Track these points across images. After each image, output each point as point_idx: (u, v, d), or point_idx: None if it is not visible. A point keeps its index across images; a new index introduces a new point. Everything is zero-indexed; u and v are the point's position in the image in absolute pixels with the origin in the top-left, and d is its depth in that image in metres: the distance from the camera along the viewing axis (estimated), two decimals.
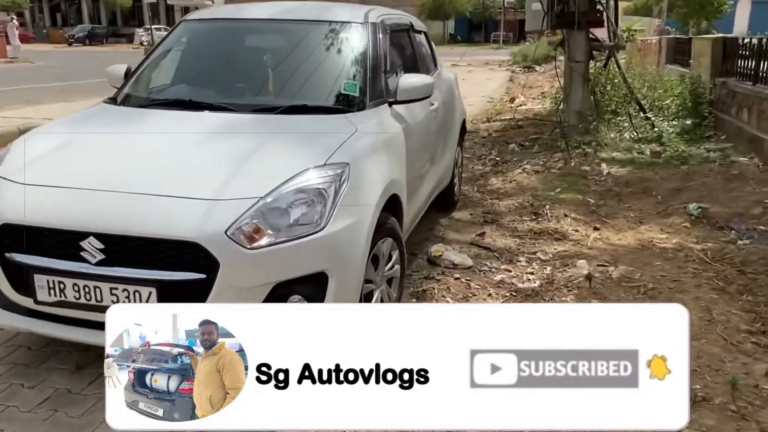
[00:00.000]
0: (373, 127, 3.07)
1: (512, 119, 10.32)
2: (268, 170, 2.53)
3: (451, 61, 27.74)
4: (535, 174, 6.73)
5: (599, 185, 6.23)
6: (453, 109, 4.98)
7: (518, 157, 7.57)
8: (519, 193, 6.01)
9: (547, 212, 5.32)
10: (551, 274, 4.02)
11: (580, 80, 8.34)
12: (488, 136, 9.11)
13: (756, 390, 2.68)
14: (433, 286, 3.82)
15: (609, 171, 6.64)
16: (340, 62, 3.44)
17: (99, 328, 2.45)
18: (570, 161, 7.12)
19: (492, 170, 7.07)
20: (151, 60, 3.67)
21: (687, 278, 3.90)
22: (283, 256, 2.39)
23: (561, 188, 6.12)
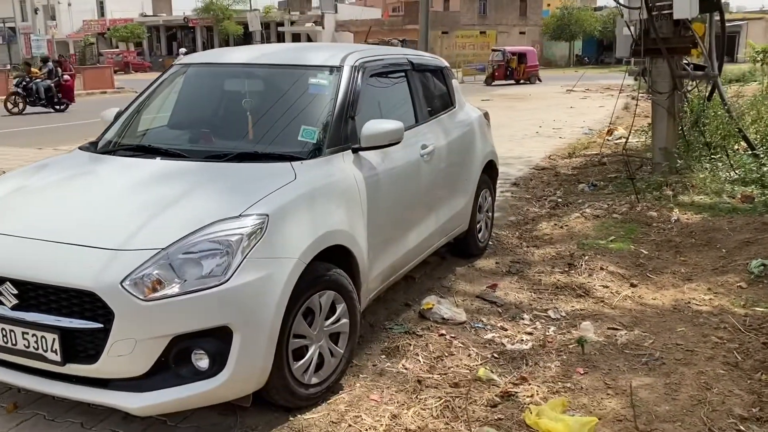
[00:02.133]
0: (318, 176, 3.22)
1: (598, 154, 10.05)
2: (179, 221, 2.75)
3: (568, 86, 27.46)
4: (593, 219, 6.55)
5: (660, 234, 5.96)
6: (470, 150, 5.02)
7: (584, 199, 7.40)
8: (564, 241, 5.88)
9: (583, 264, 5.18)
10: (549, 336, 3.93)
11: (665, 114, 8.02)
12: (561, 174, 8.94)
13: None
14: (410, 342, 3.87)
15: (678, 218, 6.32)
16: (304, 108, 3.64)
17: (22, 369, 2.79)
18: (637, 205, 6.84)
19: (547, 213, 6.96)
20: (134, 105, 4.07)
21: (703, 349, 3.69)
22: (180, 309, 2.58)
23: (615, 236, 5.92)
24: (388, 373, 3.51)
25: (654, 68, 8.07)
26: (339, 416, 3.06)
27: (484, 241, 5.53)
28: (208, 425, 2.98)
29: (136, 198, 2.99)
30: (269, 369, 2.80)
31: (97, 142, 3.89)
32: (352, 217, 3.34)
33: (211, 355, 2.66)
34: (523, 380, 3.40)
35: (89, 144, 3.87)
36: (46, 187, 3.27)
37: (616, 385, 3.30)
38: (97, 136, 3.99)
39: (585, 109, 18.49)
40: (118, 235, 2.70)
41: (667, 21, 7.85)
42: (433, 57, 5.13)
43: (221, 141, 3.67)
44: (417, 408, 3.14)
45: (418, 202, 4.19)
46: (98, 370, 2.62)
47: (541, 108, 19.63)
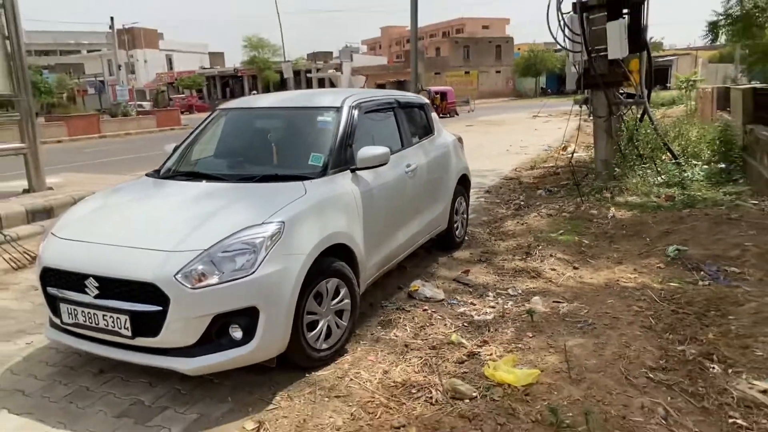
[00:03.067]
0: (323, 191, 3.32)
1: (553, 166, 10.05)
2: (217, 228, 2.86)
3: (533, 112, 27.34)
4: (547, 217, 6.58)
5: (599, 228, 5.98)
6: (446, 167, 5.09)
7: (541, 202, 7.42)
8: (524, 235, 5.93)
9: (538, 252, 5.23)
10: (507, 309, 4.00)
11: (604, 133, 8.05)
12: (524, 182, 8.97)
13: (621, 422, 2.57)
14: (400, 315, 3.95)
15: (614, 215, 6.35)
16: (314, 139, 3.74)
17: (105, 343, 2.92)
18: (582, 205, 6.87)
19: (512, 214, 6.99)
20: (187, 140, 4.19)
21: (626, 315, 3.73)
22: (219, 294, 2.70)
23: (564, 230, 5.95)
24: (383, 340, 3.59)
25: (594, 98, 8.10)
26: (343, 372, 3.15)
27: (461, 237, 5.59)
28: (245, 382, 3.07)
29: (186, 212, 3.10)
30: (288, 338, 2.90)
31: (159, 170, 4.01)
32: (350, 221, 3.43)
33: (243, 328, 2.77)
34: (485, 343, 3.46)
35: (153, 171, 4.00)
36: (119, 205, 3.39)
37: (556, 345, 3.35)
38: (160, 165, 4.12)
39: (546, 130, 18.40)
40: (172, 240, 2.82)
41: (603, 60, 7.88)
42: (416, 96, 5.21)
43: (252, 166, 3.77)
44: (403, 365, 3.22)
45: (404, 208, 4.26)
46: (159, 341, 2.74)
47: (511, 131, 19.58)
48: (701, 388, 2.79)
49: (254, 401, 2.91)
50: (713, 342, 3.22)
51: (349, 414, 2.77)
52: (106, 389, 3.07)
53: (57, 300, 2.96)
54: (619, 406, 2.69)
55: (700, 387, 2.79)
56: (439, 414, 2.71)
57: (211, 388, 3.04)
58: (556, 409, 2.62)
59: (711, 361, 3.01)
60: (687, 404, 2.68)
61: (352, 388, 3.00)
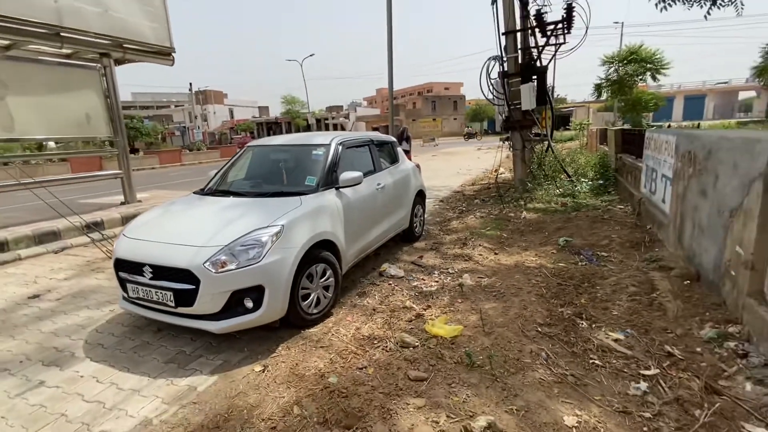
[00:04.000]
0: (314, 202, 3.24)
1: (488, 184, 9.99)
2: (236, 229, 2.78)
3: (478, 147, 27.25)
4: (480, 218, 6.51)
5: (515, 225, 5.92)
6: (407, 185, 5.00)
7: (477, 208, 7.34)
8: (462, 230, 5.85)
9: (471, 243, 5.16)
10: (446, 283, 3.93)
11: (519, 160, 8.00)
12: (466, 194, 8.90)
13: (515, 362, 2.51)
14: (372, 288, 3.85)
15: (525, 216, 6.29)
16: (310, 166, 3.65)
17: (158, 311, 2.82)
18: (503, 210, 6.81)
19: (456, 216, 6.91)
20: (225, 167, 4.09)
21: (527, 286, 3.66)
22: (236, 276, 2.61)
23: (490, 227, 5.88)
24: (358, 305, 3.50)
25: (513, 136, 8.04)
26: (328, 329, 3.07)
27: (419, 233, 5.50)
28: (257, 337, 2.99)
29: (215, 218, 3.01)
30: (286, 306, 2.82)
31: (204, 189, 3.92)
32: (334, 223, 3.35)
33: (253, 300, 2.69)
34: (429, 307, 3.38)
35: (199, 190, 3.90)
36: (172, 214, 3.29)
37: (477, 308, 3.28)
38: (204, 185, 4.02)
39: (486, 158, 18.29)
40: (203, 238, 2.74)
41: (518, 111, 7.83)
42: (386, 136, 5.13)
43: (267, 186, 3.67)
44: (370, 324, 3.14)
45: (376, 213, 4.18)
46: (194, 310, 2.66)
47: (462, 159, 19.44)
48: (573, 338, 2.73)
49: (263, 350, 2.83)
50: (584, 305, 3.17)
51: (329, 359, 2.70)
52: (161, 342, 2.99)
53: (125, 281, 2.87)
54: (515, 351, 2.64)
55: (572, 337, 2.74)
56: (390, 358, 2.65)
57: (233, 341, 2.95)
58: (471, 354, 2.56)
59: (581, 319, 2.96)
60: (562, 349, 2.63)
61: (332, 340, 2.92)
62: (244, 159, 4.22)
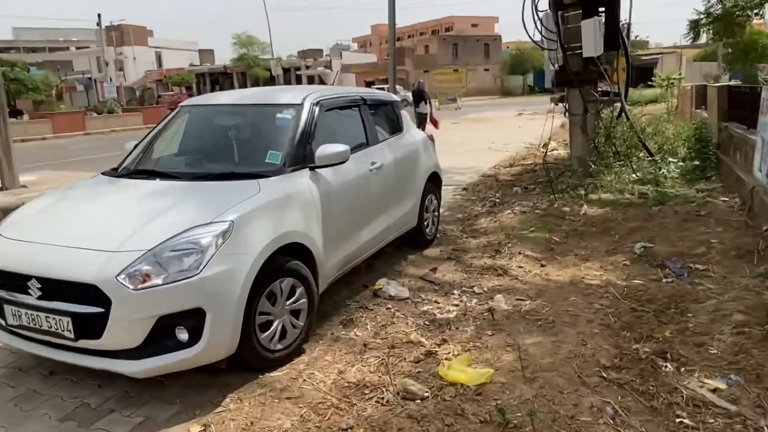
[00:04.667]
0: (278, 189, 3.25)
1: (533, 164, 10.03)
2: (164, 227, 2.79)
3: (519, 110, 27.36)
4: (520, 214, 6.55)
5: (570, 225, 5.96)
6: (415, 165, 5.03)
7: (516, 199, 7.39)
8: (495, 232, 5.89)
9: (507, 250, 5.19)
10: (470, 307, 3.95)
11: (579, 130, 8.03)
12: (501, 180, 8.94)
13: (569, 422, 2.54)
14: (362, 314, 3.89)
15: (585, 212, 6.33)
16: (272, 136, 3.67)
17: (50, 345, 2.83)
18: (555, 203, 6.85)
19: (486, 211, 6.96)
20: (148, 137, 4.10)
21: (587, 313, 3.70)
22: (162, 296, 2.62)
23: (535, 227, 5.93)
24: (342, 339, 3.53)
25: (569, 95, 8.07)
26: (298, 373, 3.10)
27: (432, 235, 5.54)
28: (195, 383, 3.00)
29: (134, 211, 3.02)
30: (237, 339, 2.84)
31: (118, 168, 3.92)
32: (308, 220, 3.36)
33: (189, 330, 2.70)
34: (444, 341, 3.41)
35: (111, 170, 3.90)
36: (69, 204, 3.30)
37: (514, 343, 3.30)
38: (119, 163, 4.03)
39: (530, 128, 18.33)
40: (116, 239, 2.74)
41: (578, 58, 7.85)
42: (385, 94, 5.15)
43: (209, 164, 3.69)
44: (359, 365, 3.17)
45: (369, 206, 4.20)
46: (102, 343, 2.67)
47: (495, 128, 19.60)
48: (652, 386, 2.75)
49: (203, 403, 2.84)
50: (669, 340, 3.19)
51: (299, 416, 2.71)
52: (54, 391, 3.00)
53: (2, 302, 2.87)
54: (568, 405, 2.66)
55: (651, 386, 2.76)
56: (388, 415, 2.66)
57: (160, 389, 2.96)
58: (504, 409, 2.58)
59: (664, 360, 2.98)
60: (636, 403, 2.65)
61: (304, 389, 2.94)
62: (177, 126, 4.23)
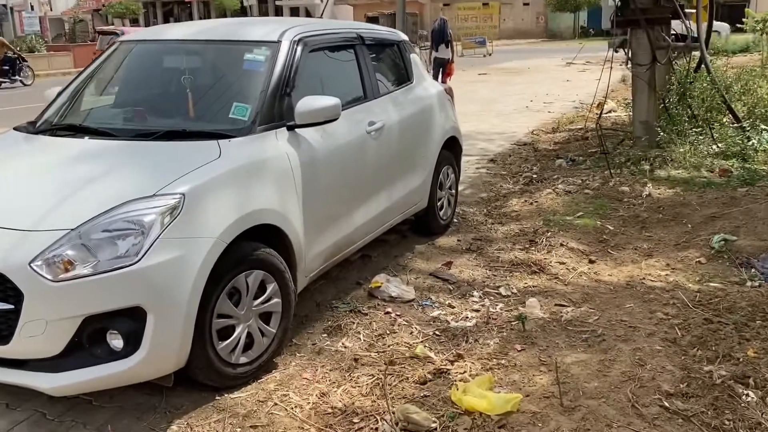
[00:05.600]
0: (246, 154, 3.22)
1: (582, 129, 9.98)
2: (93, 200, 2.76)
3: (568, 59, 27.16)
4: (564, 195, 6.54)
5: (629, 210, 5.94)
6: (427, 126, 5.00)
7: (559, 175, 7.37)
8: (531, 217, 5.88)
9: (545, 240, 5.18)
10: (494, 313, 3.95)
11: (645, 87, 7.95)
12: (541, 149, 8.90)
13: None
14: (354, 320, 3.89)
15: (649, 193, 6.30)
16: (239, 84, 3.63)
17: None
18: (611, 180, 6.82)
19: (520, 190, 6.94)
20: (77, 82, 4.06)
21: (647, 325, 3.70)
22: (90, 290, 2.60)
23: (583, 212, 5.92)
24: (326, 351, 3.53)
25: (634, 40, 7.98)
26: (267, 395, 3.10)
27: (447, 219, 5.53)
28: (132, 405, 3.01)
29: (56, 178, 3.00)
30: (188, 349, 2.83)
31: (35, 122, 3.89)
32: (283, 195, 3.34)
33: (124, 335, 2.69)
34: (459, 357, 3.41)
35: (27, 124, 3.87)
36: None
37: (550, 361, 3.31)
38: (38, 116, 3.99)
39: (581, 82, 18.28)
40: (31, 215, 2.72)
41: None
42: (389, 31, 5.08)
43: (154, 119, 3.67)
44: (347, 386, 3.17)
45: (365, 180, 4.17)
46: (11, 350, 2.65)
47: (536, 82, 19.48)
48: (728, 420, 2.75)
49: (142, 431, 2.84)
50: (752, 361, 3.19)
51: None
52: None
53: None
54: None
55: (727, 419, 2.76)
56: None
57: (86, 412, 2.97)
58: None
59: (745, 386, 2.97)
60: None
61: (275, 415, 2.95)
62: (113, 67, 4.20)
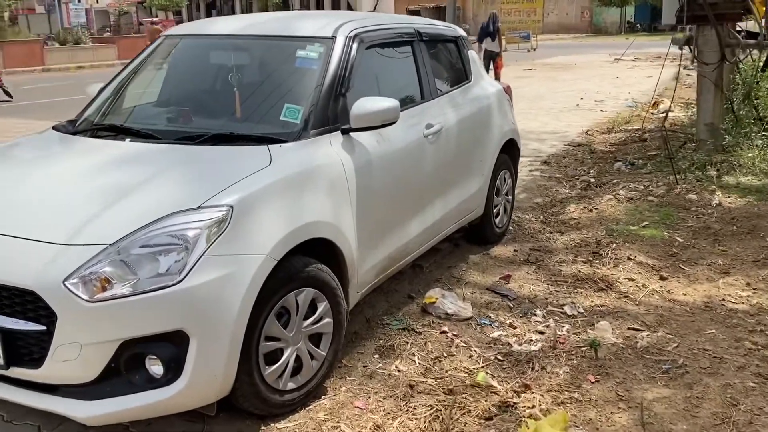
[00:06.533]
0: (298, 161, 2.98)
1: (639, 130, 9.55)
2: (134, 212, 2.54)
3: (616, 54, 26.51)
4: (626, 201, 6.18)
5: (698, 220, 5.56)
6: (486, 129, 4.71)
7: (619, 179, 7.00)
8: (592, 226, 5.54)
9: (610, 253, 4.84)
10: (561, 336, 3.64)
11: (711, 87, 7.51)
12: (597, 151, 8.51)
13: None
14: (407, 339, 3.63)
15: (720, 202, 5.90)
16: (291, 84, 3.39)
17: None
18: (676, 187, 6.43)
19: (578, 195, 6.59)
20: (119, 79, 3.87)
21: (734, 356, 3.36)
22: (128, 312, 2.39)
23: (648, 222, 5.56)
24: (379, 375, 3.28)
25: (701, 36, 7.53)
26: (316, 425, 2.86)
27: (503, 227, 5.23)
28: None
29: (93, 185, 2.78)
30: (233, 376, 2.61)
31: (76, 120, 3.71)
32: (337, 206, 3.09)
33: (165, 361, 2.47)
34: (526, 388, 3.13)
35: (67, 123, 3.69)
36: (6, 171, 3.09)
37: (629, 396, 3.02)
38: (79, 114, 3.81)
39: (631, 79, 17.74)
40: (65, 227, 2.51)
41: None
42: (446, 26, 4.80)
43: (200, 120, 3.45)
44: (404, 418, 2.92)
45: (421, 187, 3.91)
46: (43, 375, 2.46)
47: (584, 78, 18.96)
48: None
49: None
50: None
51: None
52: None
53: None
54: None
55: None
56: None
57: None
58: None
59: None
60: None
61: None
62: (157, 63, 4.01)
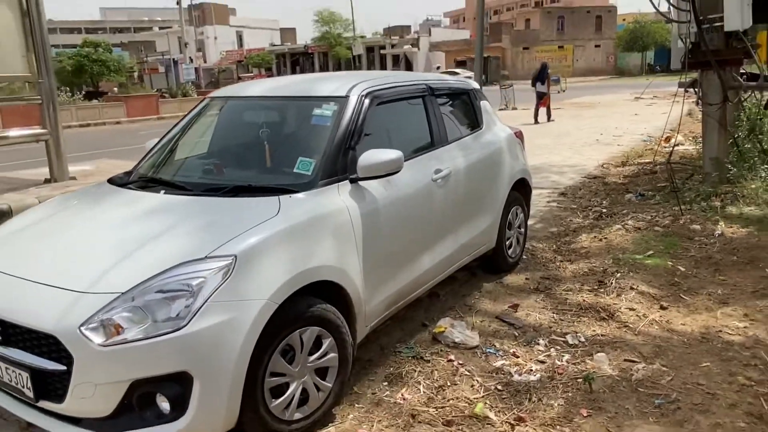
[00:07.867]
0: (305, 209, 2.72)
1: (651, 163, 8.92)
2: (146, 262, 2.34)
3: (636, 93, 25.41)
4: (634, 231, 5.66)
5: (701, 250, 5.01)
6: (496, 170, 4.35)
7: (629, 210, 6.46)
8: (600, 255, 5.07)
9: (615, 282, 4.39)
10: (561, 367, 3.25)
11: (715, 125, 6.89)
12: (610, 183, 7.96)
13: None
14: (416, 367, 3.30)
15: (722, 232, 5.33)
16: (306, 139, 3.16)
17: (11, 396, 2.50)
18: (681, 217, 5.87)
19: (590, 224, 6.10)
20: (168, 136, 3.73)
21: (726, 392, 2.89)
22: (136, 355, 2.18)
23: (653, 251, 5.04)
24: (385, 403, 2.97)
25: (705, 80, 6.94)
26: None
27: (516, 257, 4.83)
28: None
29: (120, 235, 2.60)
30: (237, 411, 2.36)
31: (132, 172, 3.58)
32: (342, 249, 2.82)
33: (171, 399, 2.24)
34: (521, 420, 2.76)
35: (122, 175, 3.56)
36: (56, 222, 2.95)
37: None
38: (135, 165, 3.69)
39: (649, 116, 16.83)
40: (87, 276, 2.33)
41: (718, 33, 6.72)
42: (458, 80, 4.49)
43: (231, 172, 3.25)
44: None
45: (430, 226, 3.59)
46: (66, 408, 2.28)
47: (606, 115, 18.15)
48: None
49: None
50: None
51: None
52: None
53: None
54: None
55: None
56: None
57: None
58: None
59: None
60: None
61: None
62: (207, 121, 3.84)
